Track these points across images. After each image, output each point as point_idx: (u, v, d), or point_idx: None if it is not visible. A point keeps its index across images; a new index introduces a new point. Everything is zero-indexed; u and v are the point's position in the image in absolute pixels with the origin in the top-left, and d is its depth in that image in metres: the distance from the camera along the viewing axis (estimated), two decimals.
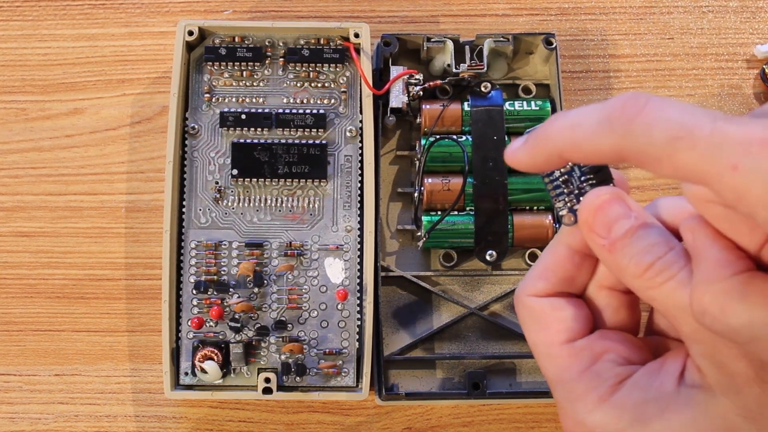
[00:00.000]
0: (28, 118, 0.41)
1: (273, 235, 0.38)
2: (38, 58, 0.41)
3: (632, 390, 0.24)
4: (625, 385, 0.24)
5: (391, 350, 0.39)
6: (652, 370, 0.24)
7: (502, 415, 0.40)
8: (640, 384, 0.24)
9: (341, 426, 0.39)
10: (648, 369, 0.24)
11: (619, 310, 0.25)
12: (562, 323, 0.25)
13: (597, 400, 0.24)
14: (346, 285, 0.38)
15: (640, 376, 0.24)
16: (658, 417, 0.23)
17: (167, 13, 0.42)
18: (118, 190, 0.41)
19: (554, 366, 0.25)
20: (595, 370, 0.24)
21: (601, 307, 0.25)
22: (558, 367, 0.25)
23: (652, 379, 0.24)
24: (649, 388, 0.24)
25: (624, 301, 0.25)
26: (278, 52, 0.39)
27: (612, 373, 0.24)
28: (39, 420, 0.39)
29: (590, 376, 0.24)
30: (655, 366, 0.24)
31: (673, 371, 0.24)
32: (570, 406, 0.25)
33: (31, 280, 0.40)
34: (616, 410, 0.24)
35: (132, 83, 0.41)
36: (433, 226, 0.38)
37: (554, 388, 0.25)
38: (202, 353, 0.37)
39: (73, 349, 0.40)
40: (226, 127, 0.39)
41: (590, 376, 0.24)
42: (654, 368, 0.24)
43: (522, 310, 0.25)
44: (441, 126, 0.39)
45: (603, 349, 0.25)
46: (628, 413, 0.23)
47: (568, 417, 0.25)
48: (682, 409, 0.23)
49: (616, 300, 0.25)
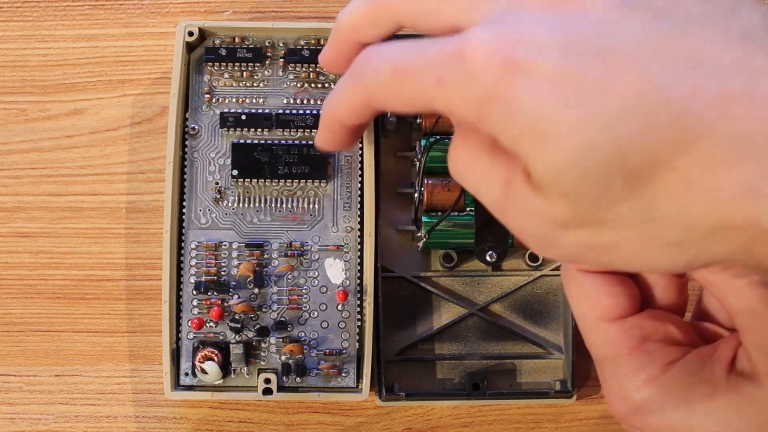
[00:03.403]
0: (29, 118, 0.41)
1: (273, 236, 0.38)
2: (38, 59, 0.41)
3: (682, 372, 0.24)
4: (675, 366, 0.24)
5: (391, 351, 0.39)
6: (704, 354, 0.24)
7: (502, 416, 0.40)
8: (691, 367, 0.24)
9: (341, 426, 0.39)
10: (699, 353, 0.24)
11: (668, 290, 0.26)
12: (612, 299, 0.25)
13: (647, 379, 0.24)
14: (347, 285, 0.38)
15: (691, 359, 0.24)
16: (705, 401, 0.23)
17: (167, 13, 0.42)
18: (118, 191, 0.41)
19: (603, 342, 0.25)
20: (645, 348, 0.25)
21: (649, 286, 0.26)
22: (607, 344, 0.25)
23: (703, 363, 0.24)
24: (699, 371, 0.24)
25: (673, 282, 0.26)
26: (278, 52, 0.39)
27: (662, 353, 0.24)
28: (39, 420, 0.39)
29: (640, 354, 0.25)
30: (707, 351, 0.24)
31: (724, 358, 0.24)
32: (617, 382, 0.25)
33: (31, 281, 0.40)
34: (664, 390, 0.24)
35: (132, 84, 0.41)
36: (433, 226, 0.38)
37: (601, 364, 0.26)
38: (203, 354, 0.37)
39: (74, 350, 0.40)
40: (227, 128, 0.39)
41: (640, 354, 0.25)
42: (706, 353, 0.24)
43: (571, 283, 0.25)
44: (441, 126, 0.39)
45: (653, 328, 0.25)
46: (675, 394, 0.24)
47: (614, 393, 0.25)
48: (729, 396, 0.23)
49: (665, 280, 0.25)
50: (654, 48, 0.20)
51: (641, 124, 0.19)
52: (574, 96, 0.19)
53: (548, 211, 0.21)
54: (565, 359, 0.39)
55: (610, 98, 0.19)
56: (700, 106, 0.19)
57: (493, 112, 0.20)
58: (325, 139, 0.28)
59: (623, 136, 0.19)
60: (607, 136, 0.19)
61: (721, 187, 0.19)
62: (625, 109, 0.19)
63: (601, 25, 0.20)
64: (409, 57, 0.22)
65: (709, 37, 0.20)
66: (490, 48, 0.20)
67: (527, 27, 0.20)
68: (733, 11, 0.20)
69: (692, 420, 0.23)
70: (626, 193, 0.20)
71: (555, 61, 0.20)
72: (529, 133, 0.20)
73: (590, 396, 0.40)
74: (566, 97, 0.19)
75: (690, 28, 0.20)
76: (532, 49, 0.20)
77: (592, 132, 0.19)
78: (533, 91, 0.20)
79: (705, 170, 0.19)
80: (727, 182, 0.19)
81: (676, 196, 0.20)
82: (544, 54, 0.20)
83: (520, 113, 0.20)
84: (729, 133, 0.19)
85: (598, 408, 0.40)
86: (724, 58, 0.19)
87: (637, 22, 0.20)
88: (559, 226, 0.21)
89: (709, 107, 0.19)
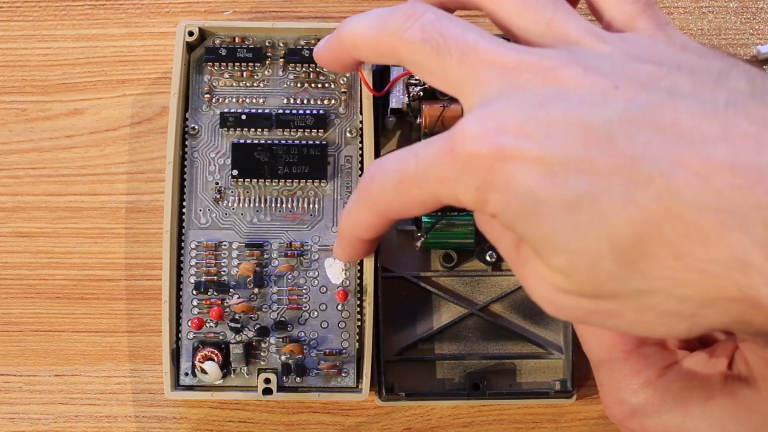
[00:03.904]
0: (28, 118, 0.41)
1: (273, 236, 0.38)
2: (38, 59, 0.41)
3: (679, 375, 0.24)
4: (671, 370, 0.24)
5: (391, 351, 0.39)
6: (701, 358, 0.24)
7: (502, 416, 0.40)
8: (687, 370, 0.24)
9: (341, 426, 0.39)
10: (696, 356, 0.25)
11: None
12: None
13: (643, 383, 0.24)
14: (346, 285, 0.38)
15: (688, 363, 0.24)
16: (701, 404, 0.23)
17: (167, 13, 0.42)
18: (118, 191, 0.41)
19: (600, 346, 0.25)
20: (641, 352, 0.25)
21: None
22: (604, 348, 0.25)
23: (700, 366, 0.24)
24: (695, 375, 0.24)
25: None
26: (278, 52, 0.39)
27: (659, 357, 0.25)
28: (39, 420, 0.39)
29: (637, 358, 0.25)
30: (704, 354, 0.25)
31: (721, 361, 0.24)
32: (614, 385, 0.25)
33: (31, 281, 0.40)
34: (661, 393, 0.24)
35: (132, 84, 0.41)
36: (432, 225, 0.38)
37: (598, 368, 0.26)
38: (203, 354, 0.37)
39: (74, 350, 0.40)
40: (227, 128, 0.39)
41: (637, 358, 0.25)
42: (703, 356, 0.24)
43: None
44: (441, 126, 0.39)
45: None
46: (672, 397, 0.24)
47: (610, 396, 0.25)
48: (726, 400, 0.23)
49: None
50: (635, 123, 0.20)
51: (624, 202, 0.19)
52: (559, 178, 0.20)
53: (550, 278, 0.21)
54: (565, 359, 0.39)
55: (593, 177, 0.20)
56: (683, 178, 0.19)
57: (491, 199, 0.21)
58: (347, 254, 0.30)
59: (608, 215, 0.19)
60: (593, 217, 0.20)
61: (711, 259, 0.19)
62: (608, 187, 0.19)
63: (583, 104, 0.20)
64: (409, 164, 0.23)
65: (692, 107, 0.20)
66: (477, 140, 0.21)
67: (512, 113, 0.21)
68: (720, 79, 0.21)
69: (689, 423, 0.23)
70: (618, 267, 0.20)
71: (540, 145, 0.20)
72: (523, 216, 0.21)
73: (590, 396, 0.40)
74: (553, 180, 0.20)
75: (674, 100, 0.20)
76: (517, 136, 0.20)
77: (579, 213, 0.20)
78: (523, 176, 0.20)
79: (694, 243, 0.19)
80: (717, 254, 0.19)
81: (668, 269, 0.20)
82: (529, 139, 0.20)
83: (514, 198, 0.21)
84: (714, 204, 0.19)
85: (598, 408, 0.40)
86: (707, 127, 0.19)
87: (619, 98, 0.20)
88: (563, 291, 0.22)
89: (692, 178, 0.19)
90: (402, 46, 0.24)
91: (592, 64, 0.21)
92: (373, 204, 0.25)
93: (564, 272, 0.21)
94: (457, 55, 0.23)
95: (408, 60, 0.25)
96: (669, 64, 0.21)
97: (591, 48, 0.23)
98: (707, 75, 0.21)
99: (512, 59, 0.22)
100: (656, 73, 0.21)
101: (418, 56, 0.24)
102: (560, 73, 0.21)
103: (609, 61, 0.22)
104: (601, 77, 0.21)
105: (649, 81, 0.21)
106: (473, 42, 0.23)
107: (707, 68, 0.21)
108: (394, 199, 0.24)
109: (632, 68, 0.21)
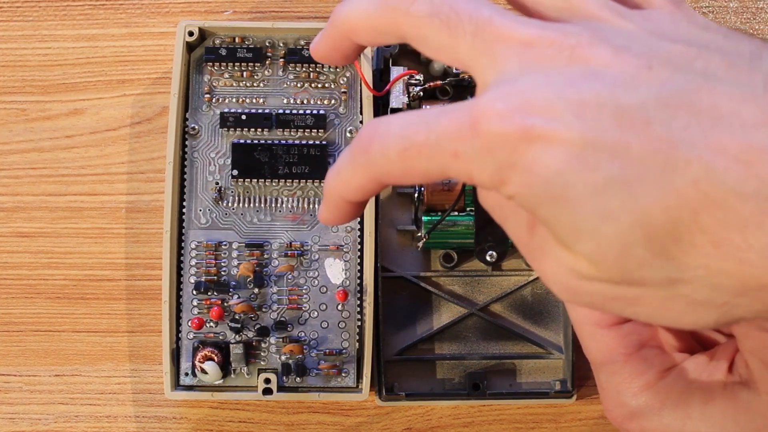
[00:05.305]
0: (28, 118, 0.41)
1: (273, 236, 0.38)
2: (38, 59, 0.41)
3: (679, 378, 0.24)
4: (671, 373, 0.24)
5: (391, 351, 0.39)
6: (701, 361, 0.24)
7: (502, 416, 0.40)
8: (688, 373, 0.24)
9: (341, 426, 0.39)
10: (697, 359, 0.24)
11: None
12: None
13: (643, 385, 0.24)
14: (346, 285, 0.38)
15: (688, 366, 0.24)
16: (701, 407, 0.23)
17: (167, 13, 0.42)
18: (118, 191, 0.41)
19: (600, 348, 0.25)
20: (642, 355, 0.25)
21: None
22: (604, 350, 0.25)
23: (700, 369, 0.24)
24: (696, 378, 0.24)
25: None
26: (278, 52, 0.39)
27: (659, 360, 0.24)
28: (39, 420, 0.39)
29: (637, 360, 0.25)
30: (705, 357, 0.24)
31: (721, 365, 0.24)
32: (614, 388, 0.25)
33: (31, 281, 0.40)
34: (661, 396, 0.24)
35: (132, 84, 0.41)
36: (433, 226, 0.38)
37: (598, 370, 0.26)
38: (203, 354, 0.37)
39: (74, 350, 0.40)
40: (227, 128, 0.39)
41: (637, 360, 0.25)
42: (703, 359, 0.24)
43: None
44: None
45: (650, 334, 0.25)
46: (672, 400, 0.24)
47: (610, 399, 0.25)
48: (725, 403, 0.23)
49: None
50: (671, 106, 0.19)
51: (660, 187, 0.19)
52: (591, 161, 0.19)
53: (571, 264, 0.21)
54: (565, 359, 0.39)
55: (627, 161, 0.19)
56: (723, 163, 0.18)
57: (512, 179, 0.20)
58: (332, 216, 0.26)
59: (642, 200, 0.19)
60: (626, 202, 0.19)
61: (749, 247, 0.18)
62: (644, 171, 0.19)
63: (616, 85, 0.19)
64: (419, 132, 0.21)
65: (730, 90, 0.19)
66: (504, 118, 0.19)
67: (539, 91, 0.20)
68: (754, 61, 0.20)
69: (688, 426, 0.23)
70: (651, 255, 0.19)
71: (570, 126, 0.19)
72: (548, 199, 0.20)
73: (590, 396, 0.40)
74: (583, 163, 0.19)
75: (710, 82, 0.19)
76: (546, 116, 0.19)
77: (610, 198, 0.19)
78: (550, 158, 0.19)
79: (732, 230, 0.18)
80: (756, 242, 0.18)
81: (704, 257, 0.19)
82: (558, 120, 0.19)
83: (539, 181, 0.19)
84: (755, 190, 0.18)
85: (598, 408, 0.40)
86: (746, 111, 0.19)
87: (654, 80, 0.19)
88: (582, 277, 0.21)
89: (732, 163, 0.18)
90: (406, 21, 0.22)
91: (620, 43, 0.20)
92: (368, 166, 0.22)
93: (590, 258, 0.20)
94: (471, 30, 0.21)
95: (414, 36, 0.23)
96: (698, 44, 0.20)
97: (613, 25, 0.21)
98: (739, 57, 0.20)
99: (532, 35, 0.21)
100: (688, 54, 0.20)
101: (425, 31, 0.22)
102: (587, 51, 0.20)
103: (637, 40, 0.21)
104: (632, 57, 0.20)
105: (681, 62, 0.20)
106: (488, 16, 0.21)
107: (737, 50, 0.20)
108: (395, 165, 0.22)
109: (663, 48, 0.20)
